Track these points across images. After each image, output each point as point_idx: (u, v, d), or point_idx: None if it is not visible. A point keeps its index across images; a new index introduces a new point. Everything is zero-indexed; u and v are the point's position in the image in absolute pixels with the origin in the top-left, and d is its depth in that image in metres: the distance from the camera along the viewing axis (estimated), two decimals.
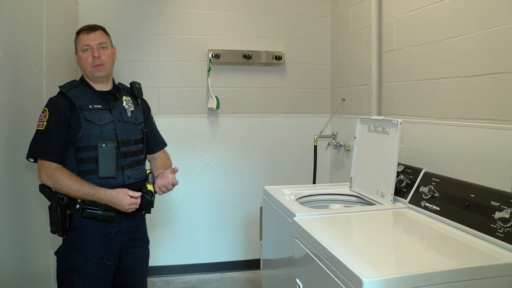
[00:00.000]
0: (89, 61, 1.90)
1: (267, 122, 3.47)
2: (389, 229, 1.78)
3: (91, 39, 1.91)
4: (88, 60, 1.90)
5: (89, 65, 1.90)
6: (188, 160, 3.34)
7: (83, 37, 1.92)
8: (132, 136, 1.97)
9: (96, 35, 1.93)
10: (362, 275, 1.18)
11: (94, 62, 1.90)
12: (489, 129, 1.78)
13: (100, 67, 1.92)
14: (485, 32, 1.81)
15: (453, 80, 2.01)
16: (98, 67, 1.91)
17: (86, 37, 1.92)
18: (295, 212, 1.80)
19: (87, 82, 1.96)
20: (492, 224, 1.46)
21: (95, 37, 1.92)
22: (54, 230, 1.83)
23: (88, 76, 1.95)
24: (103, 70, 1.93)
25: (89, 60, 1.90)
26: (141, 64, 3.24)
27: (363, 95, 2.95)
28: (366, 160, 2.26)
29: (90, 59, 1.90)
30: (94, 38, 1.92)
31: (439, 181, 1.82)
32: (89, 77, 1.94)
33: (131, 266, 1.98)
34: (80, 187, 1.76)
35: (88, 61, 1.91)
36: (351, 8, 3.13)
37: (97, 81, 1.95)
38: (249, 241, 3.46)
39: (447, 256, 1.40)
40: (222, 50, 3.31)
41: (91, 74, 1.92)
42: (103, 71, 1.93)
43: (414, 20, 2.32)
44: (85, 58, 1.91)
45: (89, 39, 1.91)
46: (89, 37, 1.92)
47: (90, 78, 1.95)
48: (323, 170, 3.51)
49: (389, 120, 2.06)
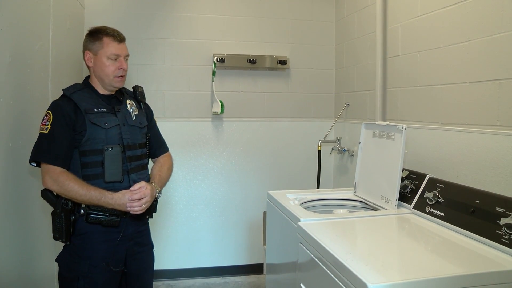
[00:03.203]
0: (112, 70, 1.90)
1: (271, 127, 3.48)
2: (394, 235, 1.77)
3: (122, 49, 1.92)
4: (112, 68, 1.90)
5: (113, 74, 1.90)
6: (192, 164, 3.35)
7: (113, 44, 1.90)
8: (137, 140, 1.97)
9: (125, 46, 1.96)
10: (368, 280, 1.17)
11: (119, 73, 1.91)
12: (494, 135, 1.77)
13: (122, 79, 1.94)
14: (491, 38, 1.81)
15: (458, 86, 2.01)
16: (121, 78, 1.93)
17: (117, 46, 1.91)
18: (300, 217, 1.80)
19: (91, 85, 1.94)
20: (498, 230, 1.46)
21: (125, 48, 1.95)
22: (57, 236, 1.78)
23: (104, 82, 1.92)
24: (123, 81, 1.96)
25: (113, 69, 1.90)
26: (146, 68, 3.25)
27: (367, 100, 2.95)
28: (370, 165, 2.26)
29: (114, 69, 1.90)
30: (124, 48, 1.94)
31: (444, 186, 1.81)
32: (105, 83, 1.92)
33: (136, 271, 1.97)
34: (87, 191, 1.74)
35: (111, 70, 1.90)
36: (356, 13, 3.13)
37: (109, 88, 1.95)
38: (253, 245, 3.45)
39: (452, 262, 1.40)
40: (227, 54, 3.32)
41: (111, 83, 1.92)
42: (123, 82, 1.97)
43: (419, 25, 2.32)
44: (109, 66, 1.90)
45: (120, 48, 1.92)
46: (120, 47, 1.92)
47: (105, 84, 1.93)
48: (327, 175, 3.51)
49: (393, 126, 2.06)
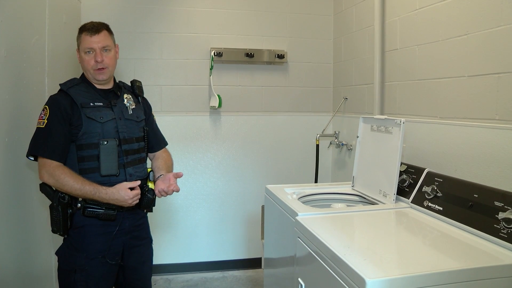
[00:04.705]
0: (92, 64, 1.86)
1: (269, 121, 3.47)
2: (392, 229, 1.77)
3: (94, 42, 1.85)
4: (91, 62, 1.86)
5: (91, 68, 1.87)
6: (190, 158, 3.34)
7: (86, 38, 1.86)
8: (134, 134, 1.96)
9: (100, 37, 1.87)
10: (366, 275, 1.17)
11: (96, 66, 1.86)
12: (492, 129, 1.77)
13: (103, 71, 1.88)
14: (490, 31, 1.80)
15: (457, 79, 2.00)
16: (100, 71, 1.88)
17: (89, 39, 1.86)
18: (298, 211, 1.80)
19: (88, 80, 1.93)
20: (496, 224, 1.46)
21: (99, 40, 1.86)
22: (55, 229, 1.81)
23: (89, 77, 1.92)
24: (105, 73, 1.90)
25: (92, 63, 1.86)
26: (144, 62, 3.23)
27: (365, 94, 2.94)
28: (368, 160, 2.25)
29: (92, 62, 1.86)
30: (97, 41, 1.86)
31: (442, 181, 1.81)
32: (90, 77, 1.92)
33: (134, 265, 1.97)
34: (82, 186, 1.74)
35: (90, 64, 1.87)
36: (354, 7, 3.12)
37: (99, 82, 1.93)
38: (251, 240, 3.46)
39: (450, 256, 1.40)
40: (224, 48, 3.30)
41: (93, 76, 1.90)
42: (105, 74, 1.90)
43: (417, 19, 2.31)
44: (88, 61, 1.87)
45: (92, 41, 1.85)
46: (93, 40, 1.85)
47: (91, 78, 1.92)
48: (325, 169, 3.51)
49: (392, 120, 2.05)
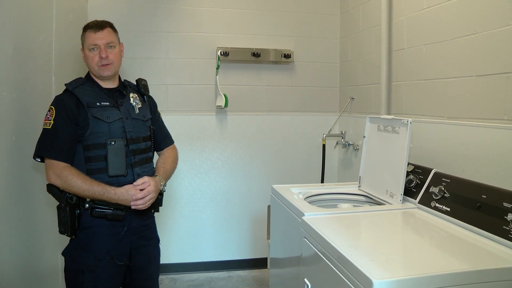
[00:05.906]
0: (96, 60, 1.87)
1: (275, 121, 3.46)
2: (399, 230, 1.76)
3: (98, 38, 1.87)
4: (95, 59, 1.87)
5: (96, 64, 1.88)
6: (196, 158, 3.34)
7: (90, 35, 1.88)
8: (141, 133, 1.96)
9: (104, 34, 1.89)
10: (372, 276, 1.16)
11: (101, 62, 1.87)
12: (501, 129, 1.75)
13: (108, 66, 1.89)
14: (498, 30, 1.78)
15: (465, 79, 1.98)
16: (105, 67, 1.89)
17: (93, 35, 1.87)
18: (304, 211, 1.79)
19: (93, 80, 1.94)
20: (505, 225, 1.44)
21: (103, 36, 1.88)
22: (62, 230, 1.80)
23: (95, 74, 1.93)
24: (110, 69, 1.90)
25: (96, 60, 1.87)
26: (150, 62, 3.24)
27: (372, 94, 2.92)
28: (375, 160, 2.24)
29: (96, 59, 1.87)
30: (101, 37, 1.88)
31: (450, 181, 1.80)
32: (96, 75, 1.93)
33: (142, 265, 1.97)
34: (90, 186, 1.74)
35: (94, 60, 1.88)
36: (361, 6, 3.10)
37: (104, 79, 1.93)
38: (257, 239, 3.45)
39: (458, 257, 1.38)
40: (231, 48, 3.30)
41: (98, 73, 1.90)
42: (111, 70, 1.91)
43: (425, 18, 2.29)
44: (92, 57, 1.88)
45: (97, 38, 1.87)
46: (97, 36, 1.87)
47: (97, 76, 1.93)
48: (332, 169, 3.49)
49: (399, 120, 2.04)
